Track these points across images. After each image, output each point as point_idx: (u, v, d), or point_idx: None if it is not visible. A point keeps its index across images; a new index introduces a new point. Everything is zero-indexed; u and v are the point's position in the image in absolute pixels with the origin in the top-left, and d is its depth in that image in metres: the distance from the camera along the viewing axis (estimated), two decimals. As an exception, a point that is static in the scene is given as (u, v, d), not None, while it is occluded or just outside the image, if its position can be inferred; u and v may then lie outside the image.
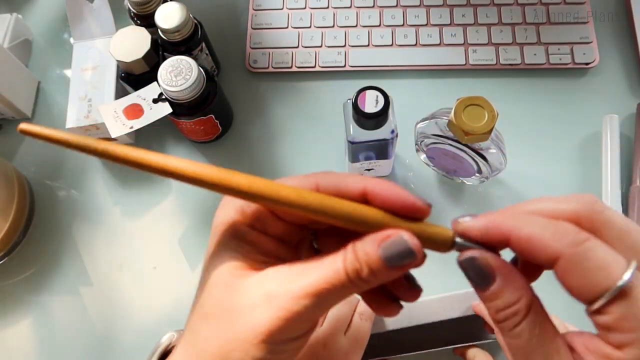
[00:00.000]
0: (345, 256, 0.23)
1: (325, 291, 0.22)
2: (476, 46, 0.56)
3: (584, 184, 0.51)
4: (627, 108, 0.54)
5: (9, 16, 0.60)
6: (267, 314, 0.22)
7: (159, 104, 0.48)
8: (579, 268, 0.20)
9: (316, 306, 0.22)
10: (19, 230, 0.51)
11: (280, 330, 0.22)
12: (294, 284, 0.23)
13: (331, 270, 0.23)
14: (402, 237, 0.22)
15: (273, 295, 0.23)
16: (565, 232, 0.21)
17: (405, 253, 0.22)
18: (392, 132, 0.44)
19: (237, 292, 0.24)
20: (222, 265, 0.25)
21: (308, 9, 0.59)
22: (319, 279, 0.22)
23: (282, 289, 0.23)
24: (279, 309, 0.22)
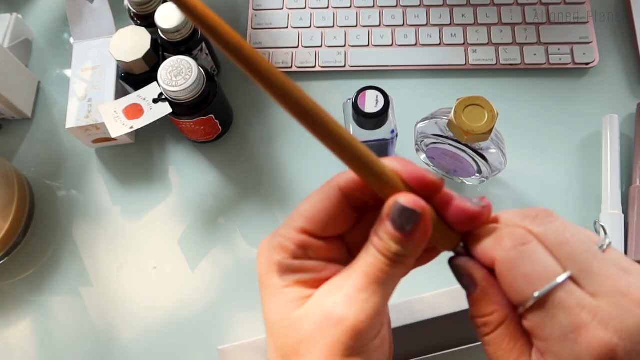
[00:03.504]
0: (372, 241, 0.23)
1: (371, 281, 0.23)
2: (476, 46, 0.56)
3: (584, 184, 0.51)
4: (627, 108, 0.54)
5: (9, 16, 0.60)
6: (332, 331, 0.22)
7: (159, 104, 0.48)
8: (508, 275, 0.22)
9: (372, 300, 0.22)
10: (19, 230, 0.51)
11: (352, 339, 0.22)
12: (342, 290, 0.23)
13: (368, 260, 0.23)
14: (397, 201, 0.22)
15: (329, 311, 0.22)
16: (504, 235, 0.22)
17: (407, 214, 0.22)
18: (392, 132, 0.44)
19: (299, 325, 0.23)
20: (277, 305, 0.24)
21: (308, 9, 0.59)
22: (361, 273, 0.23)
23: (334, 301, 0.23)
24: (339, 321, 0.22)
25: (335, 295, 0.23)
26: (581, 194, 0.51)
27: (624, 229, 0.48)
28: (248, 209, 0.53)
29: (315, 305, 0.23)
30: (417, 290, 0.49)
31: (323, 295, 0.23)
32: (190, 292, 0.50)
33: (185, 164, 0.56)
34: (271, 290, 0.24)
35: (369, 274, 0.23)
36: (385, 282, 0.23)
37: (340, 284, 0.23)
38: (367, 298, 0.22)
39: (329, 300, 0.23)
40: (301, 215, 0.25)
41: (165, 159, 0.56)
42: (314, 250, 0.25)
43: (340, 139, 0.22)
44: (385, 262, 0.23)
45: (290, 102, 0.22)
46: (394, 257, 0.23)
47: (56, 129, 0.58)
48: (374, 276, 0.23)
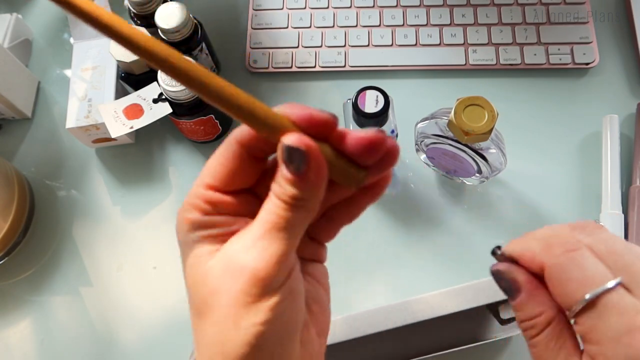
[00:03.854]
0: (272, 188, 0.23)
1: (271, 226, 0.23)
2: (476, 46, 0.56)
3: (584, 184, 0.51)
4: (627, 108, 0.54)
5: (9, 16, 0.60)
6: (234, 281, 0.22)
7: (159, 104, 0.48)
8: (558, 278, 0.22)
9: (274, 244, 0.22)
10: (19, 230, 0.51)
11: (254, 286, 0.22)
12: (244, 239, 0.23)
13: (268, 208, 0.23)
14: (283, 142, 0.22)
15: (231, 261, 0.23)
16: (554, 242, 0.23)
17: (295, 153, 0.22)
18: (392, 132, 0.44)
19: (205, 278, 0.23)
20: (189, 261, 0.25)
21: (308, 9, 0.59)
22: (262, 221, 0.23)
23: (237, 251, 0.23)
24: (241, 269, 0.22)
25: (237, 244, 0.23)
26: (581, 194, 0.51)
27: (624, 229, 0.48)
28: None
29: (219, 257, 0.23)
30: (417, 290, 0.49)
31: (227, 247, 0.24)
32: (190, 292, 0.50)
33: (185, 164, 0.56)
34: (183, 248, 0.25)
35: (268, 221, 0.23)
36: (286, 228, 0.23)
37: (243, 234, 0.24)
38: (266, 245, 0.22)
39: (231, 250, 0.23)
40: (206, 173, 0.25)
41: (165, 159, 0.56)
42: (223, 205, 0.25)
43: (218, 91, 0.22)
44: (283, 207, 0.23)
45: (162, 61, 0.22)
46: (292, 202, 0.23)
47: (56, 129, 0.58)
48: (273, 223, 0.23)
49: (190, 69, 0.22)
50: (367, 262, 0.50)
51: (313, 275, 0.28)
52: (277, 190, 0.23)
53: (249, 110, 0.23)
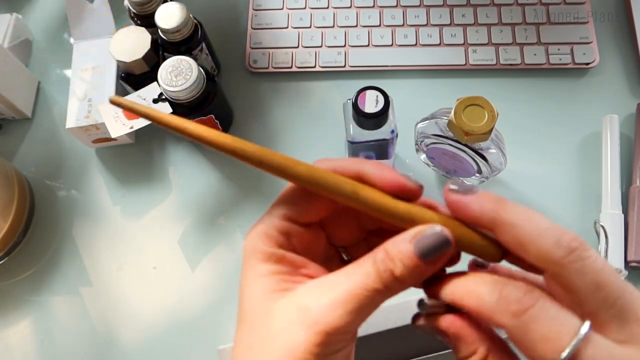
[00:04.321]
0: (375, 257, 0.23)
1: (358, 297, 0.22)
2: (476, 46, 0.56)
3: (584, 184, 0.51)
4: (627, 108, 0.54)
5: (9, 16, 0.60)
6: (303, 331, 0.22)
7: (159, 104, 0.48)
8: (524, 341, 0.20)
9: (351, 315, 0.22)
10: (19, 230, 0.51)
11: (318, 346, 0.22)
12: (326, 295, 0.22)
13: (362, 274, 0.22)
14: (435, 228, 0.22)
15: (306, 311, 0.22)
16: (508, 300, 0.21)
17: (440, 243, 0.22)
18: (392, 132, 0.44)
19: (271, 316, 0.23)
20: (254, 292, 0.24)
21: (308, 9, 0.59)
22: (351, 285, 0.22)
23: (315, 303, 0.22)
24: (313, 323, 0.22)
25: (318, 298, 0.23)
26: (581, 194, 0.51)
27: (624, 229, 0.48)
28: (248, 209, 0.53)
29: (293, 301, 0.23)
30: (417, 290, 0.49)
31: (304, 294, 0.23)
32: (190, 292, 0.50)
33: (185, 164, 0.56)
34: (251, 278, 0.24)
35: (354, 294, 0.22)
36: (369, 305, 0.23)
37: (326, 288, 0.23)
38: (343, 315, 0.22)
39: (309, 301, 0.23)
40: (282, 202, 0.25)
41: (165, 159, 0.56)
42: (296, 236, 0.25)
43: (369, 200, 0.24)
44: (376, 285, 0.22)
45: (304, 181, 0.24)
46: (390, 282, 0.22)
47: (56, 129, 0.58)
48: (360, 296, 0.22)
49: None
50: (367, 262, 0.50)
51: None
52: (387, 266, 0.22)
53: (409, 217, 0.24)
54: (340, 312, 0.22)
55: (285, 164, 0.23)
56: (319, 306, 0.22)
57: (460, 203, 0.24)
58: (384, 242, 0.23)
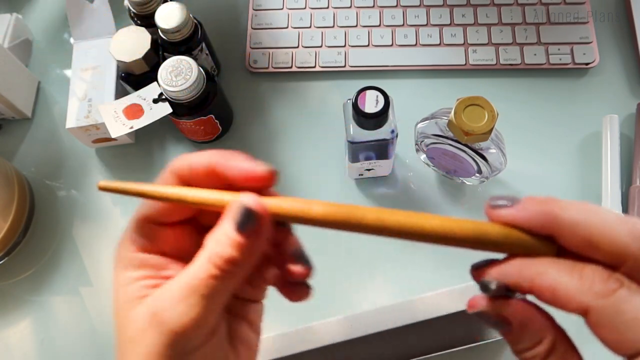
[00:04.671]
0: (205, 245, 0.23)
1: (196, 288, 0.22)
2: (476, 46, 0.56)
3: (584, 184, 0.51)
4: (627, 108, 0.54)
5: (9, 16, 0.60)
6: (153, 335, 0.22)
7: (159, 104, 0.48)
8: (613, 322, 0.19)
9: (196, 308, 0.22)
10: (19, 230, 0.51)
11: (169, 346, 0.22)
12: (168, 294, 0.23)
13: (196, 265, 0.23)
14: (241, 201, 0.22)
15: (154, 314, 0.23)
16: (592, 280, 0.19)
17: (247, 213, 0.22)
18: (392, 132, 0.44)
19: (127, 326, 0.24)
20: (117, 303, 0.25)
21: (308, 9, 0.59)
22: (188, 278, 0.22)
23: (161, 304, 0.23)
24: (161, 324, 0.22)
25: (163, 298, 0.23)
26: (581, 194, 0.51)
27: (624, 229, 0.48)
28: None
29: (145, 307, 0.23)
30: (417, 290, 0.49)
31: (155, 297, 0.23)
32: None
33: (185, 164, 0.55)
34: (115, 288, 0.25)
35: (194, 284, 0.22)
36: (212, 295, 0.22)
37: (171, 287, 0.23)
38: (187, 310, 0.22)
39: (157, 303, 0.23)
40: (143, 204, 0.25)
41: (165, 159, 0.56)
42: (161, 238, 0.25)
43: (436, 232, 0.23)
44: (212, 274, 0.22)
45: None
46: (224, 267, 0.22)
47: (56, 129, 0.58)
48: (198, 287, 0.22)
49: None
50: (367, 262, 0.50)
51: (244, 316, 0.28)
52: (213, 250, 0.23)
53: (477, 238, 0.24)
54: (183, 308, 0.22)
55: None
56: (163, 306, 0.22)
57: (507, 218, 0.23)
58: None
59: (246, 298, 0.28)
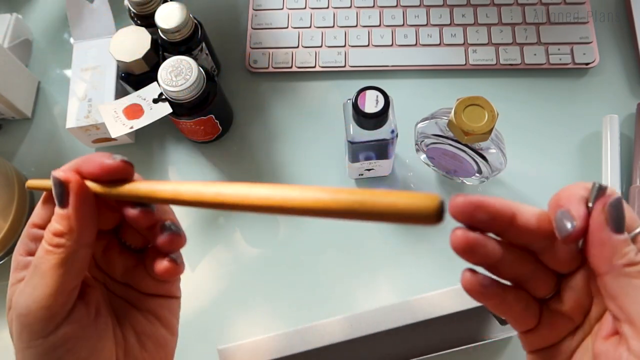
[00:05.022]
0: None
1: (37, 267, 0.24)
2: (476, 46, 0.56)
3: (584, 184, 0.51)
4: (627, 108, 0.54)
5: (9, 16, 0.60)
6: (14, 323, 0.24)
7: (159, 104, 0.48)
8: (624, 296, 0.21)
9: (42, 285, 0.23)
10: (19, 230, 0.51)
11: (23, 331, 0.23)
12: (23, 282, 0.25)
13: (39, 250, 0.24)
14: (52, 174, 0.24)
15: (9, 301, 0.25)
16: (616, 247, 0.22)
17: (58, 185, 0.24)
18: (392, 132, 0.44)
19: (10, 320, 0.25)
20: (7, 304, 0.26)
21: (308, 9, 0.59)
22: (33, 264, 0.24)
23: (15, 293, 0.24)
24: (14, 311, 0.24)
25: (16, 289, 0.25)
26: (581, 194, 0.51)
27: (624, 229, 0.48)
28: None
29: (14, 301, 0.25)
30: (417, 290, 0.49)
31: (14, 292, 0.25)
32: (190, 292, 0.50)
33: (185, 164, 0.56)
34: (8, 289, 0.26)
35: (33, 264, 0.24)
36: (50, 270, 0.23)
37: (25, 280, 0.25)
38: (31, 291, 0.23)
39: (13, 296, 0.25)
40: (32, 213, 0.27)
41: (165, 159, 0.56)
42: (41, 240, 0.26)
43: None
44: (46, 249, 0.24)
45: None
46: (53, 240, 0.24)
47: (56, 129, 0.58)
48: (36, 266, 0.24)
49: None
50: (367, 262, 0.50)
51: (153, 312, 0.28)
52: (46, 230, 0.24)
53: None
54: (28, 290, 0.23)
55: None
56: (16, 295, 0.24)
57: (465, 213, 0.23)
58: None
59: (153, 293, 0.28)
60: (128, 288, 0.28)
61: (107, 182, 0.25)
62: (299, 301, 0.49)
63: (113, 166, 0.25)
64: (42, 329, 0.23)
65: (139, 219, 0.25)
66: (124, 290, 0.28)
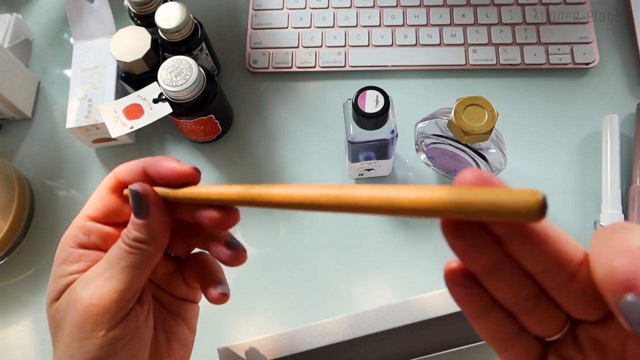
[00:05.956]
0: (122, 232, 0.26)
1: (112, 264, 0.25)
2: (476, 46, 0.56)
3: (584, 184, 0.51)
4: (627, 108, 0.54)
5: (9, 16, 0.60)
6: (72, 312, 0.24)
7: (159, 104, 0.48)
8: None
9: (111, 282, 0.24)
10: (19, 230, 0.51)
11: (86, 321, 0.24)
12: (88, 274, 0.25)
13: (114, 247, 0.25)
14: (129, 187, 0.25)
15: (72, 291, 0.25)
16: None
17: (137, 198, 0.25)
18: (392, 132, 0.44)
19: (56, 313, 0.26)
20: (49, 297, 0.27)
21: (308, 9, 0.59)
22: (107, 257, 0.25)
23: (79, 284, 0.25)
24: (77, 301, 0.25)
25: (81, 281, 0.25)
26: (581, 194, 0.51)
27: (624, 229, 0.48)
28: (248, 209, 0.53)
29: (67, 292, 0.26)
30: (417, 290, 0.49)
31: (74, 285, 0.26)
32: (190, 292, 0.50)
33: (185, 164, 0.56)
34: (50, 280, 0.27)
35: (109, 260, 0.25)
36: (126, 268, 0.25)
37: (90, 270, 0.26)
38: (103, 283, 0.24)
39: (75, 286, 0.25)
40: (87, 204, 0.27)
41: (165, 159, 0.56)
42: (99, 235, 0.27)
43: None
44: (124, 249, 0.25)
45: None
46: (132, 243, 0.25)
47: (56, 129, 0.58)
48: (113, 262, 0.25)
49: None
50: (367, 262, 0.50)
51: (181, 314, 0.31)
52: (124, 232, 0.25)
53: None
54: (100, 281, 0.24)
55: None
56: (80, 286, 0.25)
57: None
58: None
59: (183, 297, 0.30)
60: (162, 291, 0.30)
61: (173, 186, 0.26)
62: (299, 301, 0.49)
63: (185, 172, 0.25)
64: (109, 321, 0.24)
65: (223, 221, 0.26)
66: (158, 293, 0.30)
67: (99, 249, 0.27)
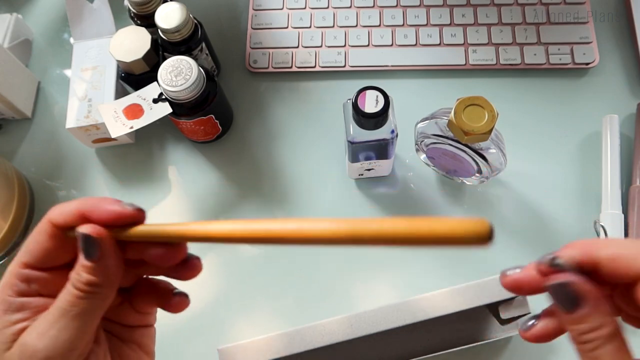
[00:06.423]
0: (70, 276, 0.25)
1: (64, 312, 0.24)
2: (476, 46, 0.56)
3: (584, 184, 0.51)
4: (627, 108, 0.54)
5: (9, 16, 0.60)
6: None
7: (159, 104, 0.48)
8: None
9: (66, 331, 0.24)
10: (19, 231, 0.51)
11: None
12: (39, 324, 0.24)
13: (63, 292, 0.24)
14: (78, 230, 0.24)
15: (24, 345, 0.24)
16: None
17: (86, 240, 0.24)
18: (392, 132, 0.44)
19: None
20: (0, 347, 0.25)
21: (308, 9, 0.59)
22: (56, 305, 0.24)
23: (30, 336, 0.24)
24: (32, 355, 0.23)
25: (32, 331, 0.24)
26: (581, 194, 0.51)
27: (624, 229, 0.48)
28: (248, 209, 0.53)
29: (16, 346, 0.24)
30: (417, 290, 0.49)
31: (27, 334, 0.24)
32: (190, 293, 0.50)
33: (185, 164, 0.56)
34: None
35: (61, 308, 0.24)
36: (79, 315, 0.24)
37: (40, 320, 0.24)
38: (57, 334, 0.24)
39: (26, 338, 0.24)
40: (23, 250, 0.26)
41: (165, 159, 0.56)
42: (39, 282, 0.26)
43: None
44: (76, 294, 0.24)
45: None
46: (85, 288, 0.24)
47: (56, 129, 0.58)
48: (65, 310, 0.24)
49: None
50: (367, 262, 0.50)
51: (136, 341, 0.30)
52: (73, 277, 0.24)
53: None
54: (54, 332, 0.23)
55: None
56: (33, 337, 0.24)
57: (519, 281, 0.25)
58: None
59: (135, 325, 0.30)
60: (113, 323, 0.30)
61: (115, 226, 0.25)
62: (299, 301, 0.49)
63: (128, 214, 0.25)
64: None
65: (166, 257, 0.26)
66: (110, 325, 0.29)
67: (40, 295, 0.26)
